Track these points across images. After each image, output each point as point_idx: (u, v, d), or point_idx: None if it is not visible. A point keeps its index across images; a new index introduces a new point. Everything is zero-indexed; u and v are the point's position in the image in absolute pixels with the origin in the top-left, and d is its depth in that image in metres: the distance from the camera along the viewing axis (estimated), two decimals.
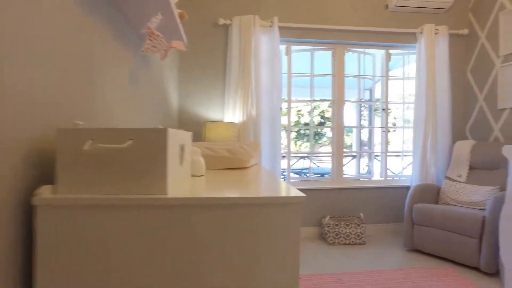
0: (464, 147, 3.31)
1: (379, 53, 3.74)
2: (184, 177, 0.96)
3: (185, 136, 0.98)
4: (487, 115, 3.47)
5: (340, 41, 3.52)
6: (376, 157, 4.69)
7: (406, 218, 3.05)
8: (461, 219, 2.66)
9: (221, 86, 3.38)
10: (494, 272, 2.51)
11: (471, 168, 3.21)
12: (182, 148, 0.92)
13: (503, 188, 2.82)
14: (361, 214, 3.44)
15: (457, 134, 3.69)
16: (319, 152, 10.79)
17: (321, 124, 11.95)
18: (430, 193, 3.18)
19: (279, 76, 3.28)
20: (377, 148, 4.10)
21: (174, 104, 3.07)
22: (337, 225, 3.23)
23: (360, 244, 3.24)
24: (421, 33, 3.47)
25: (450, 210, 2.79)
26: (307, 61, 3.63)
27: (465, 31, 3.61)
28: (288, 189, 0.85)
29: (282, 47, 3.49)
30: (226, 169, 1.40)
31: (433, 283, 2.35)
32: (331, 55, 3.60)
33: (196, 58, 3.34)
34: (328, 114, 11.48)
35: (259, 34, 3.23)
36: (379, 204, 3.62)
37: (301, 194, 0.77)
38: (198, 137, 3.29)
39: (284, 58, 3.51)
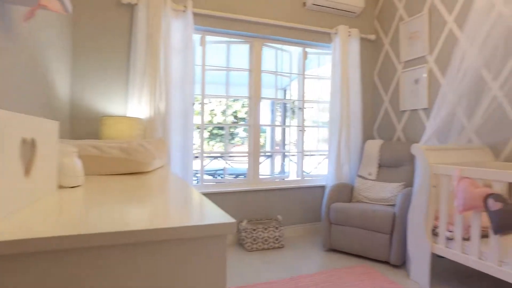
0: (374, 146, 3.46)
1: (296, 50, 3.69)
2: (35, 194, 0.58)
3: (41, 126, 0.60)
4: (391, 116, 3.70)
5: (258, 35, 3.34)
6: (290, 156, 4.68)
7: (324, 218, 3.02)
8: (374, 217, 2.72)
9: (124, 74, 2.88)
10: (402, 263, 2.62)
11: (380, 166, 3.36)
12: (29, 143, 0.55)
13: (408, 184, 2.99)
14: (279, 216, 3.31)
15: (367, 134, 3.86)
16: (235, 152, 10.65)
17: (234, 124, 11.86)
18: (345, 192, 3.23)
19: (192, 68, 2.94)
20: (290, 148, 4.07)
21: (64, 94, 2.47)
22: (254, 230, 3.04)
23: (279, 247, 3.11)
24: (336, 33, 3.52)
25: (364, 208, 2.83)
26: (223, 55, 3.37)
27: (373, 37, 3.80)
28: (208, 211, 0.55)
29: (197, 37, 3.15)
30: (120, 174, 1.04)
31: (353, 283, 2.31)
32: (249, 49, 3.41)
33: (94, 40, 2.78)
34: (241, 114, 11.43)
35: (170, 19, 2.84)
36: (296, 204, 3.56)
37: (228, 218, 0.48)
38: (95, 136, 2.74)
39: (199, 49, 3.18)
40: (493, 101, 2.65)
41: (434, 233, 2.28)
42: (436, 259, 2.72)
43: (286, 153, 4.49)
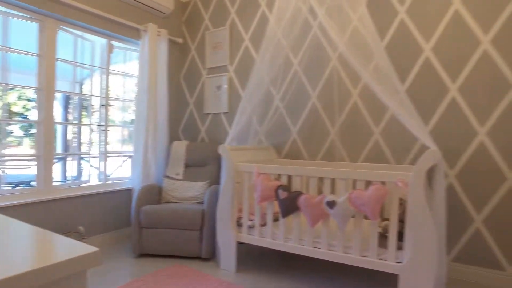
0: (180, 146, 3.58)
1: (100, 41, 3.32)
2: None
3: None
4: (196, 118, 3.94)
5: (52, 14, 2.78)
6: (86, 158, 4.16)
7: (134, 222, 2.87)
8: (184, 215, 2.82)
9: None
10: (212, 256, 2.85)
11: (187, 166, 3.51)
12: None
13: (213, 182, 3.27)
14: (81, 228, 2.89)
15: (173, 135, 3.94)
16: (14, 155, 8.29)
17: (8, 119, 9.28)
18: (154, 193, 3.18)
19: None
20: (88, 149, 3.64)
21: None
22: None
23: None
24: (146, 31, 3.40)
25: (174, 208, 2.88)
26: None
27: (180, 40, 3.93)
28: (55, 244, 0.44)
29: None
30: None
31: (168, 284, 2.32)
32: (39, 29, 2.78)
33: None
34: (16, 109, 9.12)
35: None
36: (101, 211, 3.21)
37: (86, 247, 0.41)
38: None
39: None
40: (277, 110, 3.31)
41: (239, 224, 2.62)
42: (239, 246, 3.13)
43: (83, 155, 3.95)
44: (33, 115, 2.87)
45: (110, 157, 3.53)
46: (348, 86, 2.93)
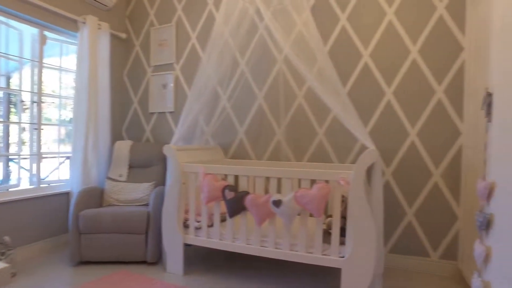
0: (124, 147, 3.41)
1: (30, 30, 3.02)
2: None
3: None
4: (141, 118, 3.79)
5: None
6: (15, 160, 3.78)
7: (72, 228, 2.67)
8: (129, 219, 2.69)
9: None
10: (158, 260, 2.76)
11: (131, 167, 3.36)
12: None
13: (158, 183, 3.16)
14: (6, 238, 2.61)
15: (115, 135, 3.74)
16: None
17: None
18: (95, 196, 2.99)
19: None
20: (15, 149, 3.31)
21: None
22: None
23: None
24: (84, 23, 3.18)
25: (117, 211, 2.74)
26: None
27: (124, 35, 3.73)
28: None
29: None
30: None
31: None
32: None
33: None
34: None
35: None
36: (33, 218, 2.93)
37: None
38: None
39: None
40: (224, 110, 3.30)
41: (185, 226, 2.56)
42: (186, 248, 3.06)
43: (11, 157, 3.57)
44: None
45: (46, 159, 3.25)
46: (293, 87, 3.02)
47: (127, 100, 3.86)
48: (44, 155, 3.18)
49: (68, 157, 3.44)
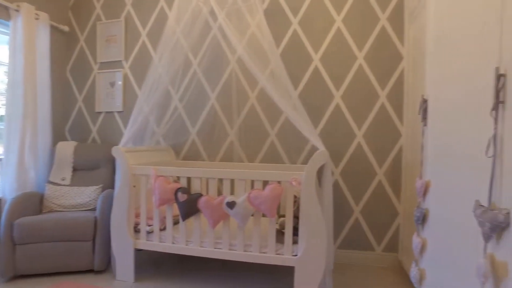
0: (67, 148, 3.18)
1: None
2: None
3: None
4: (86, 117, 3.56)
5: None
6: None
7: (4, 239, 2.43)
8: (73, 225, 2.52)
9: None
10: (106, 268, 2.61)
11: (75, 169, 3.14)
12: None
13: (106, 186, 2.99)
14: None
15: (57, 135, 3.46)
16: None
17: None
18: (32, 202, 2.75)
19: None
20: None
21: None
22: None
23: None
24: (18, 11, 2.89)
25: (60, 218, 2.55)
26: None
27: (66, 28, 3.48)
28: None
29: None
30: None
31: None
32: None
33: None
34: None
35: None
36: None
37: None
38: None
39: None
40: (175, 111, 3.22)
41: (136, 230, 2.46)
42: (137, 253, 2.93)
43: None
44: None
45: None
46: (246, 88, 3.04)
47: (70, 98, 3.61)
48: None
49: None
